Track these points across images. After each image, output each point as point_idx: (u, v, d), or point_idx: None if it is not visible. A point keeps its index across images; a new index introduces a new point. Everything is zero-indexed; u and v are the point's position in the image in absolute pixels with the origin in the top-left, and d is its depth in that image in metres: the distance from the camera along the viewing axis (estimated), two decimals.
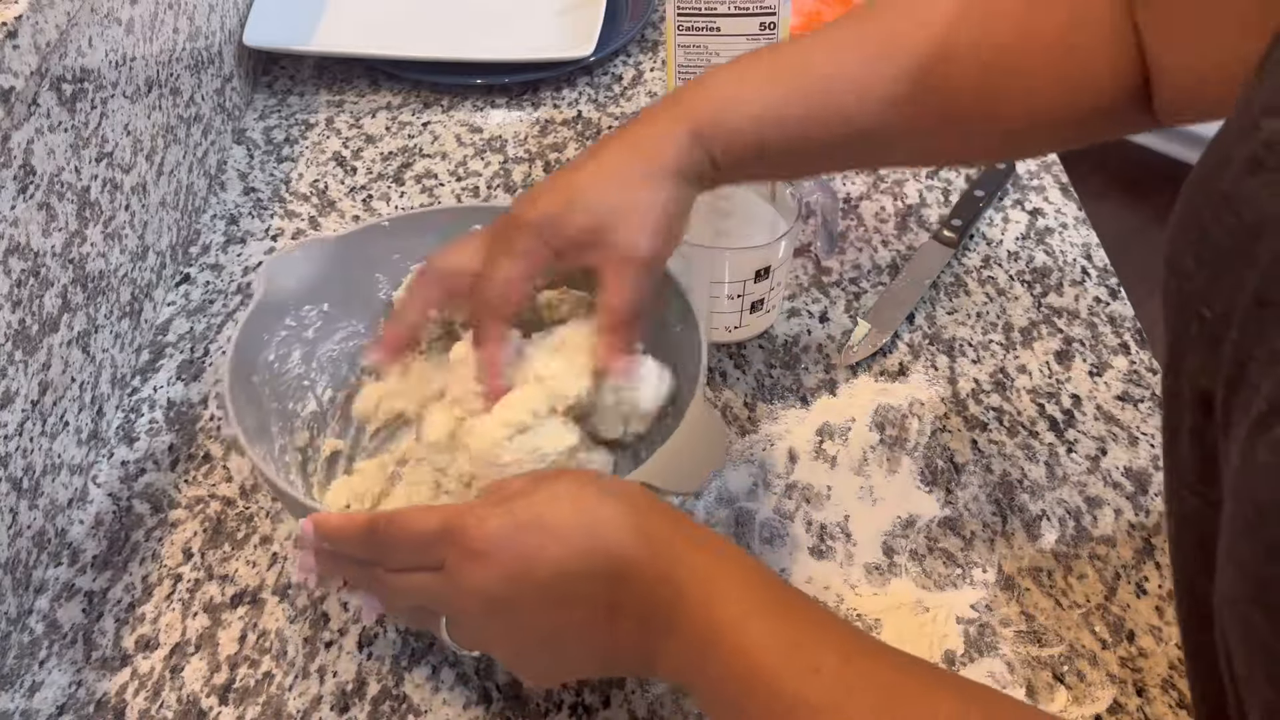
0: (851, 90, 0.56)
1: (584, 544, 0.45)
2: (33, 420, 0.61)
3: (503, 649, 0.49)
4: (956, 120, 0.56)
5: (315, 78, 1.02)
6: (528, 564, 0.45)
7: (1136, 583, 0.60)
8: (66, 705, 0.57)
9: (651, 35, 1.06)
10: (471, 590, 0.46)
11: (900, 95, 0.55)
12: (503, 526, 0.45)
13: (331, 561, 0.50)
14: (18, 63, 0.57)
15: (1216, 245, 0.37)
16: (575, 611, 0.45)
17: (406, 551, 0.47)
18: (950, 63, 0.55)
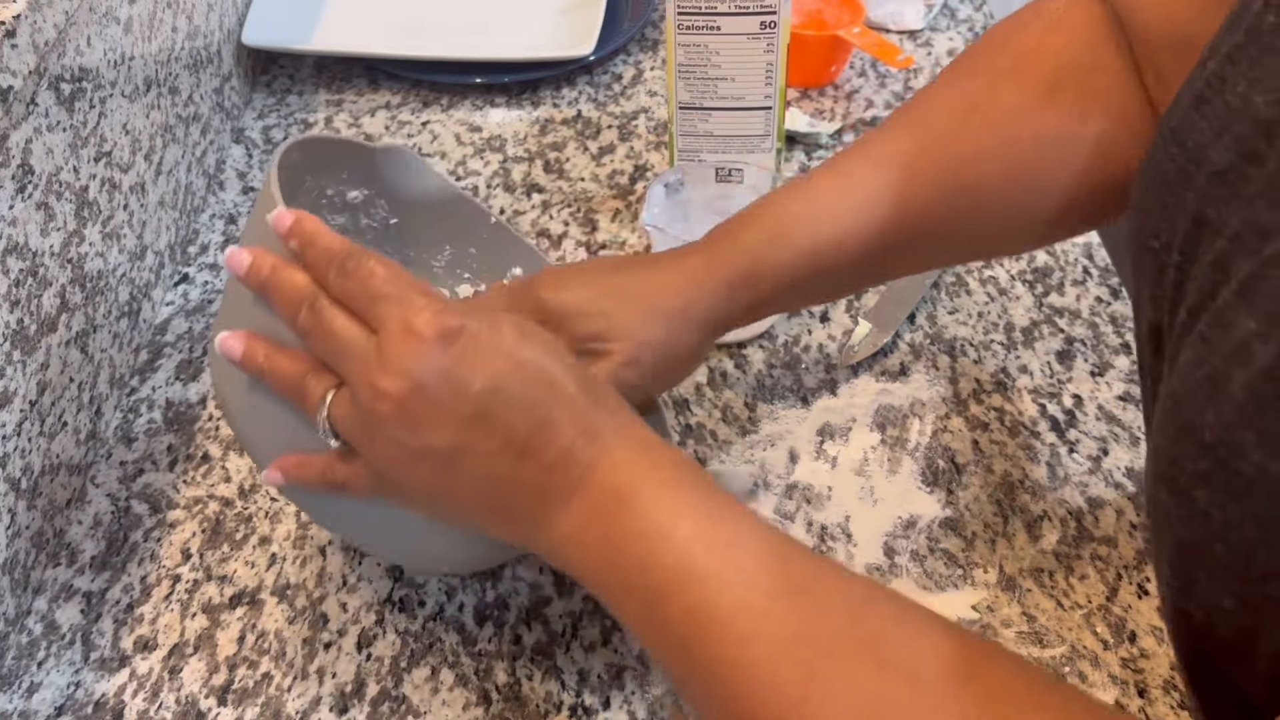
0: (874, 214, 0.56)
1: (530, 372, 0.43)
2: (31, 420, 0.61)
3: (386, 450, 0.45)
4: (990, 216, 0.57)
5: (314, 77, 1.02)
6: (467, 367, 0.43)
7: (1138, 583, 0.60)
8: (65, 706, 0.56)
9: (651, 34, 1.06)
10: (397, 368, 0.42)
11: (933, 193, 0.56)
12: (461, 321, 0.43)
13: (281, 271, 0.46)
14: (16, 62, 0.57)
15: (1164, 177, 0.39)
16: (488, 436, 0.43)
17: (358, 289, 0.44)
18: (973, 164, 0.56)
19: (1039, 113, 0.55)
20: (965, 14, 1.07)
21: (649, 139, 0.93)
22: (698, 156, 0.81)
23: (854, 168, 0.57)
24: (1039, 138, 0.55)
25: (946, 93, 0.59)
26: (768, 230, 0.56)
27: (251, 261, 0.47)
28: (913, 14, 1.04)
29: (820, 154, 0.91)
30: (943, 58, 1.01)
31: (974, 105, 0.57)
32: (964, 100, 0.57)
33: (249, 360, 0.48)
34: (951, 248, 0.61)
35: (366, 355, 0.44)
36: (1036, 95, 0.55)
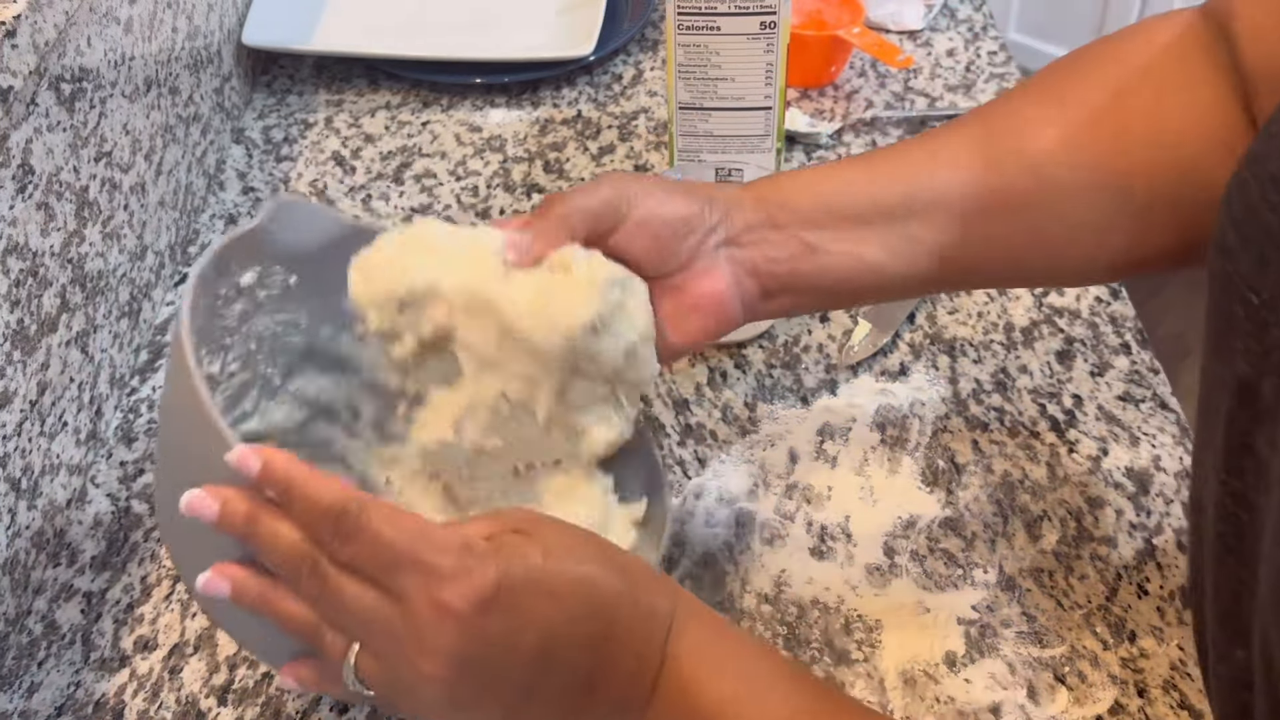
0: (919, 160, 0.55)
1: (577, 610, 0.41)
2: (31, 420, 0.61)
3: (439, 711, 0.42)
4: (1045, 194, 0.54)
5: (314, 77, 1.02)
6: (516, 629, 0.40)
7: (1138, 583, 0.60)
8: (65, 706, 0.56)
9: (651, 34, 1.06)
10: (436, 648, 0.40)
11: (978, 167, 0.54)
12: (493, 580, 0.39)
13: (262, 524, 0.41)
14: (16, 62, 0.57)
15: (1265, 228, 0.36)
16: (554, 680, 0.42)
17: (366, 557, 0.40)
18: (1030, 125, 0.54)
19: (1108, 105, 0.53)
20: (965, 14, 1.07)
21: (649, 139, 0.93)
22: (698, 156, 0.81)
23: (941, 143, 0.56)
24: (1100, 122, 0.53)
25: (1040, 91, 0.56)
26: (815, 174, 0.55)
27: (220, 508, 0.41)
28: (912, 14, 1.04)
29: (820, 154, 0.91)
30: (942, 58, 1.01)
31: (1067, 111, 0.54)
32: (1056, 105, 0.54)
33: (241, 597, 0.42)
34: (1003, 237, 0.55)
35: (395, 631, 0.40)
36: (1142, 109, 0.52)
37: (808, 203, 0.54)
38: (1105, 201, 0.52)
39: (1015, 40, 2.40)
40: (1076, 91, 0.54)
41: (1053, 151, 0.53)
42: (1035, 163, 0.53)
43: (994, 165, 0.53)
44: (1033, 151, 0.53)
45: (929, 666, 0.56)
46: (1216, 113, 0.50)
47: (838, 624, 0.59)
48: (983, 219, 0.54)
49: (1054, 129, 0.53)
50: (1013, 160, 0.53)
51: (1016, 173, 0.53)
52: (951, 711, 0.55)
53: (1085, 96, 0.53)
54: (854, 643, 0.58)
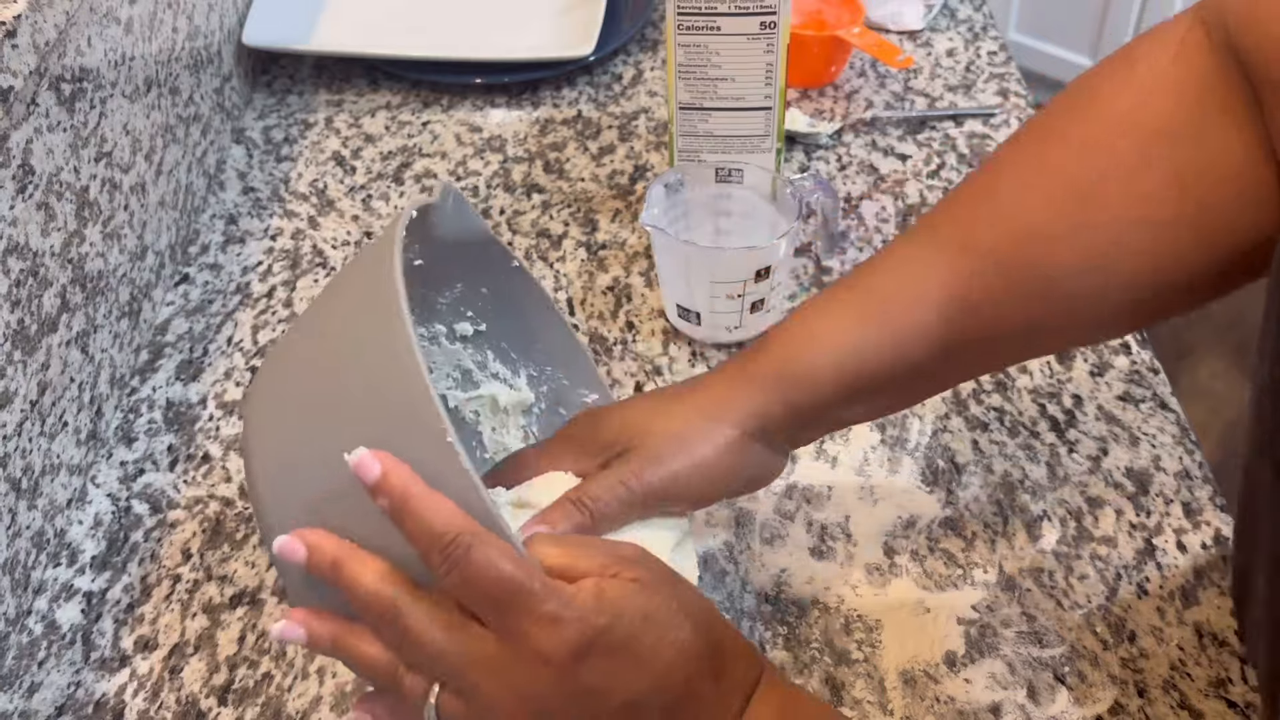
0: (932, 299, 0.51)
1: (665, 681, 0.41)
2: (31, 420, 0.61)
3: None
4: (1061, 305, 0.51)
5: (314, 77, 1.02)
6: (604, 689, 0.40)
7: (1138, 583, 0.60)
8: (65, 706, 0.57)
9: (651, 34, 1.06)
10: (521, 691, 0.40)
11: (992, 296, 0.50)
12: (592, 631, 0.39)
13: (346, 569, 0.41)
14: (16, 62, 0.57)
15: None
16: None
17: (470, 589, 0.40)
18: (1044, 241, 0.50)
19: (1122, 191, 0.48)
20: (965, 14, 1.07)
21: (649, 139, 0.93)
22: (698, 156, 0.81)
23: (910, 253, 0.53)
24: (1120, 219, 0.48)
25: (1016, 160, 0.52)
26: (807, 329, 0.52)
27: (308, 555, 0.41)
28: (912, 14, 1.04)
29: (820, 154, 0.91)
30: (942, 58, 1.01)
31: (1045, 179, 0.50)
32: (1035, 172, 0.51)
33: (316, 645, 0.43)
34: (1017, 342, 0.53)
35: (486, 669, 0.40)
36: (1122, 172, 0.48)
37: (838, 391, 0.52)
38: (1127, 298, 0.50)
39: (1015, 40, 2.40)
40: (1089, 185, 0.49)
41: (1074, 265, 0.49)
42: (1057, 282, 0.50)
43: (1018, 296, 0.50)
44: (1057, 273, 0.50)
45: (929, 666, 0.57)
46: (1231, 159, 0.47)
47: (838, 624, 0.59)
48: (1004, 347, 0.53)
49: (1074, 241, 0.49)
50: (1035, 288, 0.50)
51: (1038, 298, 0.50)
52: (951, 711, 0.55)
53: (1101, 189, 0.49)
54: (854, 643, 0.58)
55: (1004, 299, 0.50)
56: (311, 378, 0.45)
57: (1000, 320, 0.51)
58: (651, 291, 0.79)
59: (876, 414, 0.57)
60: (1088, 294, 0.50)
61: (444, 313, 0.58)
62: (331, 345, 0.45)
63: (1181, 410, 0.70)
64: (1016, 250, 0.50)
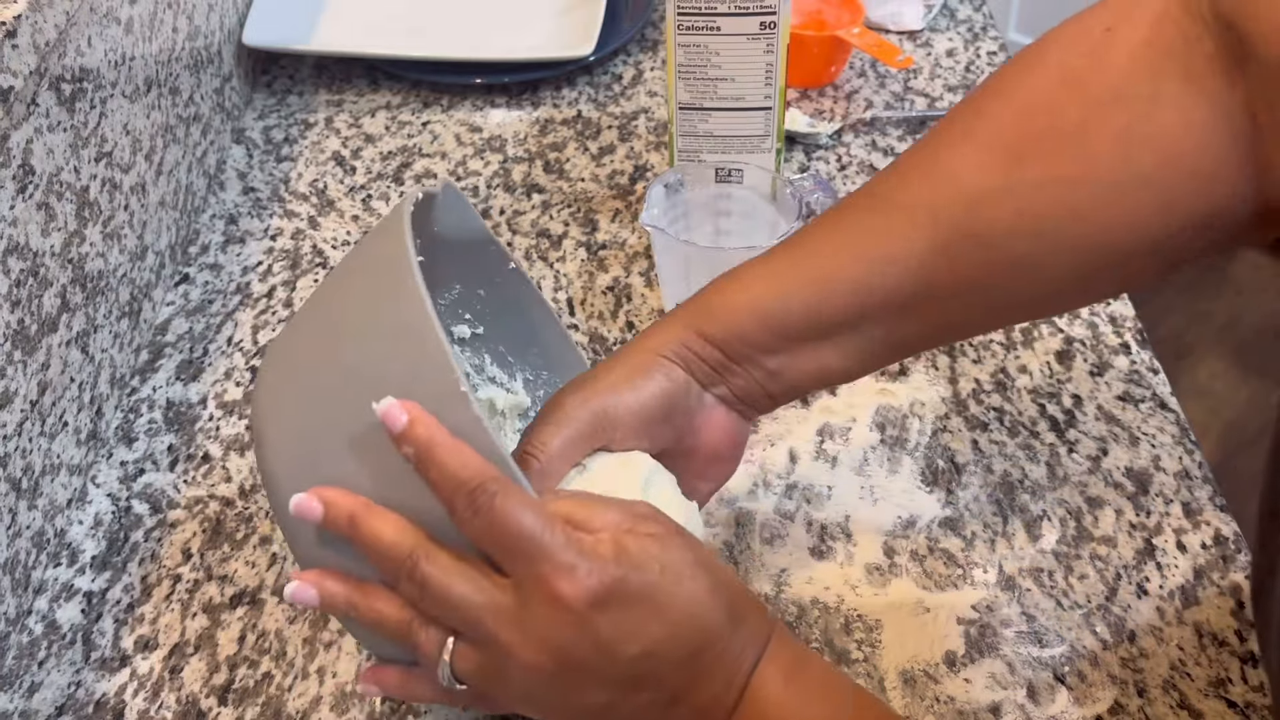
0: (862, 257, 0.50)
1: (682, 631, 0.42)
2: (32, 420, 0.61)
3: (526, 703, 0.44)
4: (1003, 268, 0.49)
5: (314, 77, 1.02)
6: (622, 637, 0.41)
7: (1138, 583, 0.60)
8: (65, 706, 0.57)
9: (651, 35, 1.06)
10: (542, 638, 0.40)
11: (926, 257, 0.49)
12: (611, 579, 0.40)
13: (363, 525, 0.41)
14: (17, 62, 0.57)
15: None
16: (642, 694, 0.42)
17: (492, 535, 0.40)
18: (979, 201, 0.48)
19: (1061, 150, 0.47)
20: (965, 14, 1.07)
21: (649, 139, 0.93)
22: (698, 156, 0.81)
23: (845, 212, 0.52)
24: (1059, 179, 0.47)
25: (957, 120, 0.51)
26: (732, 275, 0.52)
27: (325, 511, 0.42)
28: (912, 14, 1.04)
29: (820, 154, 0.91)
30: (942, 58, 1.01)
31: (983, 137, 0.49)
32: (973, 130, 0.50)
33: (330, 606, 0.44)
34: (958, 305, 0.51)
35: (504, 616, 0.41)
36: (1064, 131, 0.47)
37: (757, 330, 0.51)
38: (1078, 261, 0.48)
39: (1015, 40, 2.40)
40: (1028, 143, 0.48)
41: (1010, 226, 0.48)
42: (989, 242, 0.48)
43: (944, 252, 0.49)
44: (985, 232, 0.48)
45: (929, 666, 0.57)
46: (1188, 129, 0.45)
47: (838, 624, 0.59)
48: (939, 307, 0.50)
49: (1007, 200, 0.48)
50: (965, 244, 0.48)
51: (971, 256, 0.49)
52: (951, 711, 0.55)
53: (1039, 147, 0.47)
54: (854, 642, 0.58)
55: (938, 259, 0.49)
56: (326, 343, 0.45)
57: (935, 279, 0.49)
58: (651, 291, 0.79)
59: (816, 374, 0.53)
60: (1030, 258, 0.48)
61: (442, 314, 0.58)
62: (345, 309, 0.45)
63: (1181, 410, 0.70)
64: (949, 207, 0.49)
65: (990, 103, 0.50)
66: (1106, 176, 0.46)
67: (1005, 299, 0.51)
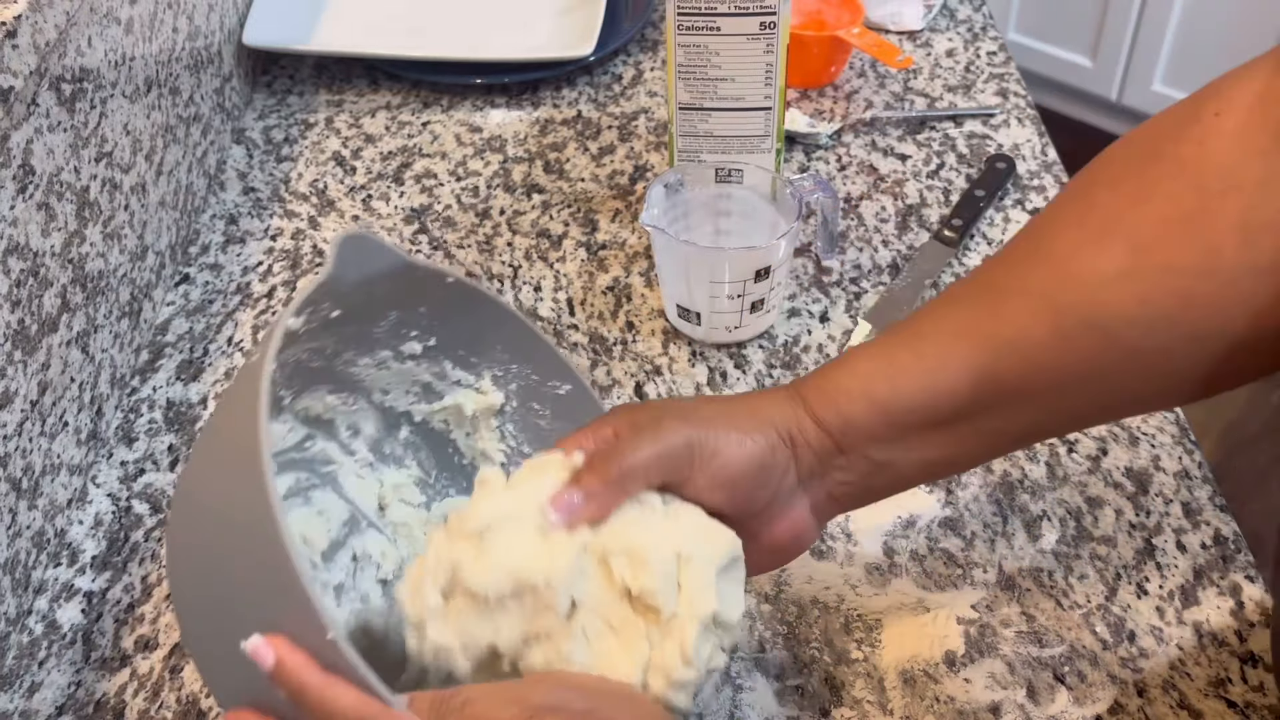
0: (981, 344, 0.48)
1: None
2: (32, 420, 0.61)
3: None
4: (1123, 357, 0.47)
5: (314, 77, 1.02)
6: None
7: (1137, 583, 0.60)
8: (66, 706, 0.57)
9: (651, 35, 1.06)
10: None
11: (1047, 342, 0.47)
12: None
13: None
14: (17, 62, 0.57)
15: None
16: None
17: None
18: (1097, 287, 0.47)
19: (1180, 239, 0.45)
20: (965, 14, 1.07)
21: (649, 139, 0.93)
22: (698, 156, 0.81)
23: (957, 294, 0.50)
24: (1179, 269, 0.45)
25: (1068, 209, 0.49)
26: (843, 358, 0.51)
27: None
28: (912, 15, 1.04)
29: (820, 154, 0.91)
30: (942, 58, 1.01)
31: (1098, 225, 0.47)
32: (1087, 219, 0.48)
33: None
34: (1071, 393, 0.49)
35: None
36: (1181, 219, 0.45)
37: (870, 418, 0.49)
38: (1200, 352, 0.46)
39: (1015, 40, 2.40)
40: (1146, 232, 0.46)
41: (1131, 314, 0.46)
42: (1110, 330, 0.46)
43: (1064, 338, 0.47)
44: (1106, 320, 0.46)
45: (929, 666, 0.57)
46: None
47: (837, 623, 0.59)
48: (1058, 396, 0.48)
49: (1128, 286, 0.46)
50: (1085, 332, 0.47)
51: (1091, 344, 0.47)
52: (951, 711, 0.55)
53: (1158, 236, 0.46)
54: (854, 642, 0.58)
55: (1054, 343, 0.47)
56: (205, 561, 0.44)
57: (1048, 365, 0.48)
58: (651, 291, 0.79)
59: (924, 466, 0.51)
60: (1152, 348, 0.47)
61: (385, 339, 0.56)
62: (215, 529, 0.44)
63: (1181, 410, 0.70)
64: (1067, 294, 0.47)
65: (1102, 193, 0.49)
66: (1227, 265, 0.45)
67: (1126, 390, 0.49)
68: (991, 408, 0.49)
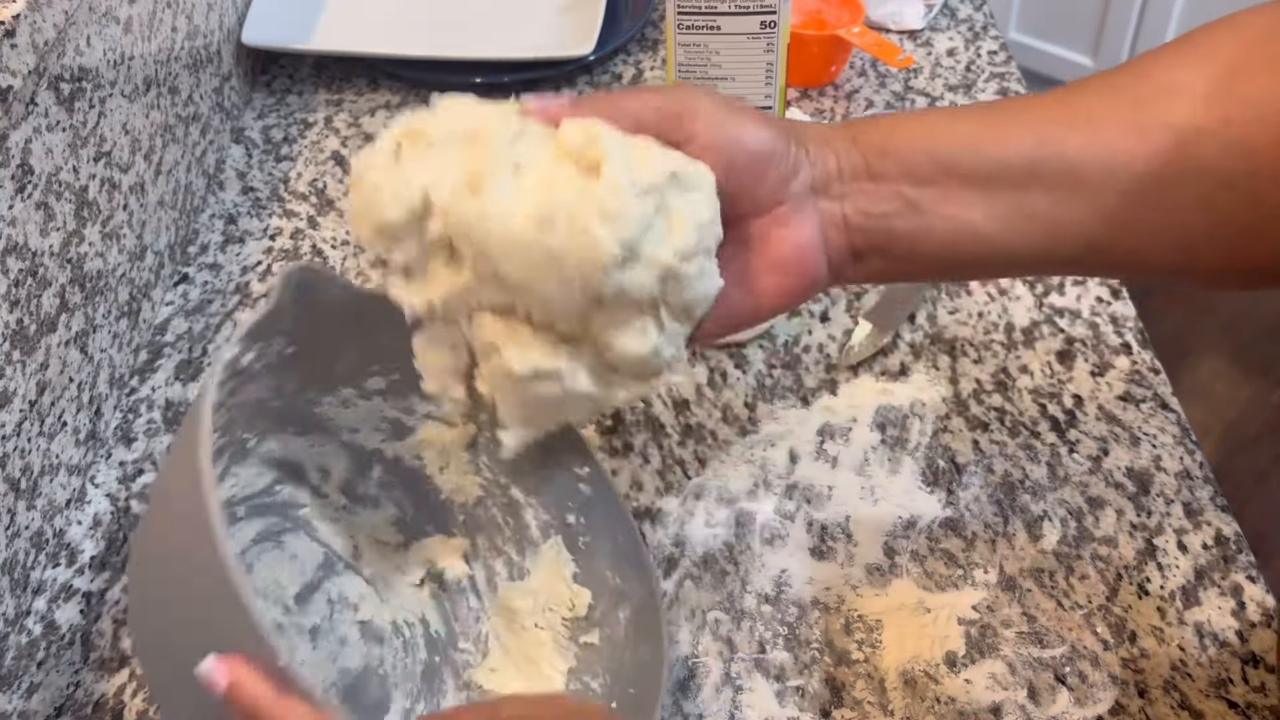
0: (1051, 116, 0.46)
1: None
2: (30, 420, 0.61)
3: None
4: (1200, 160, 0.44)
5: (314, 77, 1.02)
6: None
7: (1138, 583, 0.60)
8: (64, 706, 0.56)
9: (651, 34, 1.05)
10: None
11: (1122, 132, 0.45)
12: None
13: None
14: (16, 62, 0.57)
15: None
16: None
17: None
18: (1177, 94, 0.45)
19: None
20: (965, 14, 1.07)
21: None
22: None
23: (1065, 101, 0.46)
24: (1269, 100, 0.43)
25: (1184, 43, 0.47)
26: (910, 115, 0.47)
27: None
28: (912, 14, 1.04)
29: None
30: (942, 57, 1.01)
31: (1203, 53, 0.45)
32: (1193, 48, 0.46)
33: None
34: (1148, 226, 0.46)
35: None
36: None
37: (913, 153, 0.45)
38: (1264, 194, 0.43)
39: (1015, 40, 2.40)
40: (1242, 52, 0.44)
41: (1210, 129, 0.44)
42: (1187, 139, 0.44)
43: (1138, 134, 0.44)
44: (1186, 124, 0.44)
45: (929, 666, 0.56)
46: None
47: (838, 624, 0.59)
48: (1114, 197, 0.45)
49: (1216, 102, 0.44)
50: (1160, 133, 0.44)
51: (1165, 144, 0.44)
52: (952, 712, 0.55)
53: (1254, 64, 0.44)
54: (854, 643, 0.58)
55: (1128, 132, 0.44)
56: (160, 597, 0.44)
57: (1118, 152, 0.44)
58: None
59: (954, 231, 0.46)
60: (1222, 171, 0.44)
61: (347, 376, 0.55)
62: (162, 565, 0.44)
63: (1182, 410, 0.70)
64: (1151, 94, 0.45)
65: (1220, 31, 0.47)
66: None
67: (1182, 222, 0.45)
68: (1046, 180, 0.45)
